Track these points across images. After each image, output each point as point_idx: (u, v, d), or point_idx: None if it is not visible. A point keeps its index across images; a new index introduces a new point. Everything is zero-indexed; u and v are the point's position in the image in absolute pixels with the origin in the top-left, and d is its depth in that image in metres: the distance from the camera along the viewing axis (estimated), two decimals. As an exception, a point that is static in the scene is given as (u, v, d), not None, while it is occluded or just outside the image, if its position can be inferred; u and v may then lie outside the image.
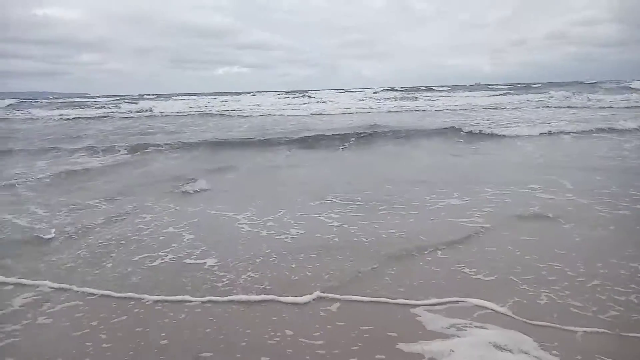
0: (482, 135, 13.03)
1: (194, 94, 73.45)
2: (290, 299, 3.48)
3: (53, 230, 5.43)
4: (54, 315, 3.42)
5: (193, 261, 4.40)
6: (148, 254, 4.61)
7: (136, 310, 3.43)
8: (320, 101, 37.64)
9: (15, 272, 4.22)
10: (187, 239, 5.03)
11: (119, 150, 11.85)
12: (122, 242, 4.99)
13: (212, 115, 25.86)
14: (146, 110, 30.23)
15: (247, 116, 24.45)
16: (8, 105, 44.06)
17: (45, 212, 6.31)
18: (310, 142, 12.58)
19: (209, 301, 3.53)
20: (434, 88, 63.24)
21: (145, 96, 66.69)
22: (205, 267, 4.24)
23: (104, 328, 3.18)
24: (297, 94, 56.71)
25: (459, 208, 5.92)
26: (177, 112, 28.47)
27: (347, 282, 3.80)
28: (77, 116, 27.36)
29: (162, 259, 4.48)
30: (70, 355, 2.90)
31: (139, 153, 11.66)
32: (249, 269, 4.14)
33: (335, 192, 6.93)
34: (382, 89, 67.11)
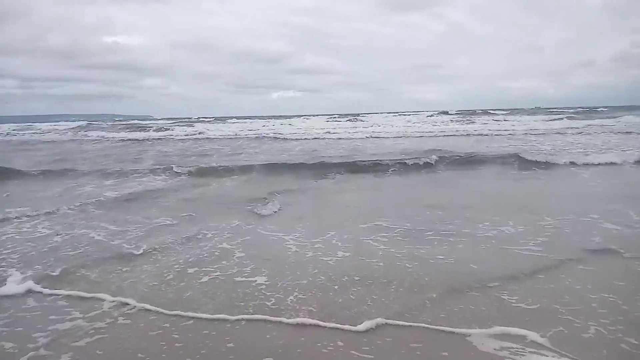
0: (540, 162, 12.58)
1: (249, 117, 75.76)
2: (347, 327, 3.47)
3: (134, 247, 5.73)
4: (133, 332, 3.57)
5: (244, 279, 4.58)
6: (201, 269, 4.85)
7: (225, 327, 3.57)
8: (372, 124, 37.75)
9: (101, 287, 4.43)
10: (240, 257, 5.25)
11: (179, 172, 12.43)
12: (198, 261, 5.16)
13: (265, 138, 26.59)
14: (200, 133, 31.63)
15: (298, 139, 24.94)
16: (76, 127, 47.45)
17: (122, 230, 6.67)
18: (361, 165, 12.68)
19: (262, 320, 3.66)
20: (491, 111, 61.74)
21: (202, 119, 69.54)
22: (254, 284, 4.41)
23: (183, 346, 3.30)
24: (350, 117, 57.23)
25: (512, 236, 5.79)
26: (234, 135, 29.54)
27: (394, 308, 3.83)
28: (139, 138, 29.03)
29: (213, 276, 4.70)
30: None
31: (199, 174, 12.18)
32: (296, 289, 4.27)
33: (384, 217, 6.97)
34: (437, 112, 66.37)
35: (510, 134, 23.87)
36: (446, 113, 62.20)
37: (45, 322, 3.73)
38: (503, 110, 67.00)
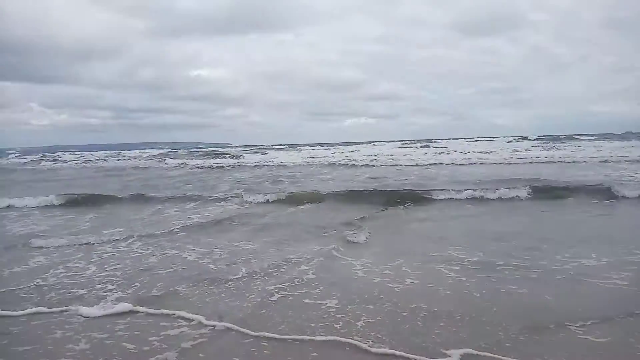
0: (630, 191, 11.69)
1: (322, 144, 77.22)
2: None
3: (224, 270, 5.98)
4: (225, 351, 3.74)
5: (314, 301, 4.76)
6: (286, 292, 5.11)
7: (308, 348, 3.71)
8: (446, 150, 36.98)
9: (195, 308, 4.67)
10: (312, 278, 5.45)
11: (255, 198, 12.97)
12: (288, 286, 5.29)
13: (336, 164, 26.96)
14: (273, 159, 32.95)
15: (369, 166, 25.01)
16: (158, 154, 51.00)
17: (208, 252, 7.03)
18: (431, 193, 12.49)
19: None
20: (576, 137, 58.17)
21: (275, 146, 72.17)
22: (324, 307, 4.58)
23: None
24: (423, 143, 56.49)
25: (593, 270, 5.51)
26: (306, 162, 30.31)
27: (467, 339, 3.82)
28: (217, 165, 30.61)
29: (296, 299, 4.93)
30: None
31: (274, 200, 12.51)
32: (364, 314, 4.38)
33: (456, 245, 6.91)
34: (516, 137, 63.67)
35: (598, 161, 22.36)
36: (526, 139, 59.52)
37: (144, 340, 3.96)
38: (590, 135, 62.84)
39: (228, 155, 40.46)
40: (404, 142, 62.65)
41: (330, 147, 57.27)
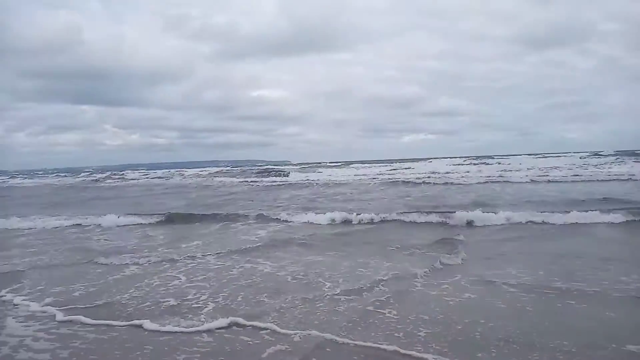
0: None
1: (379, 161, 77.12)
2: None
3: (310, 285, 6.16)
4: None
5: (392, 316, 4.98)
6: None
7: None
8: (509, 167, 35.69)
9: (292, 322, 4.83)
10: (415, 297, 5.68)
11: (311, 217, 13.31)
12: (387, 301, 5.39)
13: (392, 181, 26.85)
14: (325, 178, 33.54)
15: (426, 183, 24.66)
16: (216, 172, 52.71)
17: (281, 266, 7.30)
18: (489, 212, 11.96)
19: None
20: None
21: (332, 163, 73.14)
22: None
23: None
24: (484, 159, 54.92)
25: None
26: (360, 179, 30.49)
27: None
28: (272, 183, 31.29)
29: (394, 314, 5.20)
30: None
31: (338, 220, 12.35)
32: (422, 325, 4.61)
33: (516, 265, 6.94)
34: (588, 153, 60.30)
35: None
36: (598, 154, 56.17)
37: (249, 355, 4.12)
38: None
39: (283, 173, 41.47)
40: (465, 158, 61.04)
41: (387, 164, 57.13)
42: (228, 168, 65.56)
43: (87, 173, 70.66)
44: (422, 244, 8.74)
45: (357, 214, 12.63)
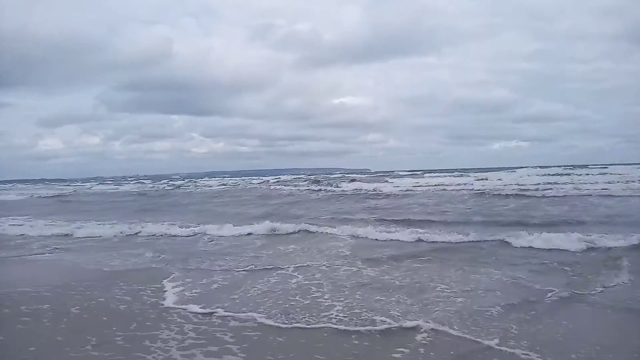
0: None
1: (465, 170, 74.09)
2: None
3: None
4: None
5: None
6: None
7: None
8: (617, 178, 32.05)
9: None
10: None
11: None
12: None
13: (479, 193, 25.31)
14: (412, 185, 32.41)
15: (516, 195, 22.91)
16: (292, 179, 53.90)
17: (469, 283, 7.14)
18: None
19: None
20: None
21: (414, 172, 71.23)
22: None
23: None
24: (585, 167, 50.59)
25: None
26: (442, 189, 29.26)
27: None
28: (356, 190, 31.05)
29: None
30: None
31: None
32: None
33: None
34: None
35: None
36: None
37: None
38: None
39: (361, 181, 41.00)
40: (563, 167, 56.13)
41: (474, 172, 54.31)
42: (311, 175, 65.75)
43: (175, 179, 75.15)
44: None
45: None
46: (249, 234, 13.10)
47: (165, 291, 7.10)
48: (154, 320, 5.69)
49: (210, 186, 48.61)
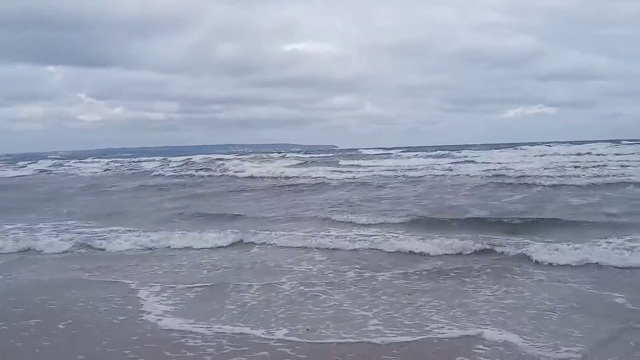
0: None
1: (468, 146, 65.68)
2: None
3: None
4: None
5: None
6: None
7: None
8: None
9: None
10: None
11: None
12: None
13: (485, 177, 21.17)
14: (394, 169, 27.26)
15: (534, 184, 18.27)
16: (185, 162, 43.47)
17: None
18: None
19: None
20: None
21: (388, 151, 53.12)
22: None
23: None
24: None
25: None
26: (443, 171, 24.25)
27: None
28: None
29: None
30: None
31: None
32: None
33: None
34: None
35: None
36: None
37: None
38: None
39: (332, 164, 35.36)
40: (603, 142, 43.92)
41: (479, 151, 43.21)
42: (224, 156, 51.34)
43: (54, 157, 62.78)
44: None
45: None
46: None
47: None
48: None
49: (81, 170, 41.07)
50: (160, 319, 5.87)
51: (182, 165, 40.28)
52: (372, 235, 10.33)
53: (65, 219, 13.97)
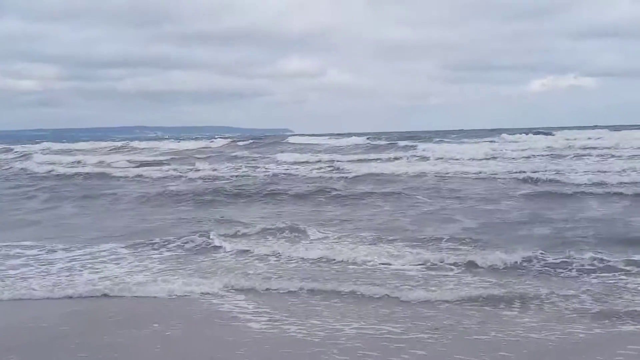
0: None
1: (475, 130, 57.40)
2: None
3: None
4: None
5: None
6: None
7: None
8: None
9: None
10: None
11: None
12: None
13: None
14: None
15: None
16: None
17: None
18: None
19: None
20: None
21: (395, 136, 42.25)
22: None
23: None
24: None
25: None
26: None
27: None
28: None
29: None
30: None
31: None
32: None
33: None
34: None
35: None
36: None
37: None
38: None
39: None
40: None
41: (487, 138, 34.19)
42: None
43: None
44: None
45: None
46: None
47: None
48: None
49: None
50: None
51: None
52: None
53: None
